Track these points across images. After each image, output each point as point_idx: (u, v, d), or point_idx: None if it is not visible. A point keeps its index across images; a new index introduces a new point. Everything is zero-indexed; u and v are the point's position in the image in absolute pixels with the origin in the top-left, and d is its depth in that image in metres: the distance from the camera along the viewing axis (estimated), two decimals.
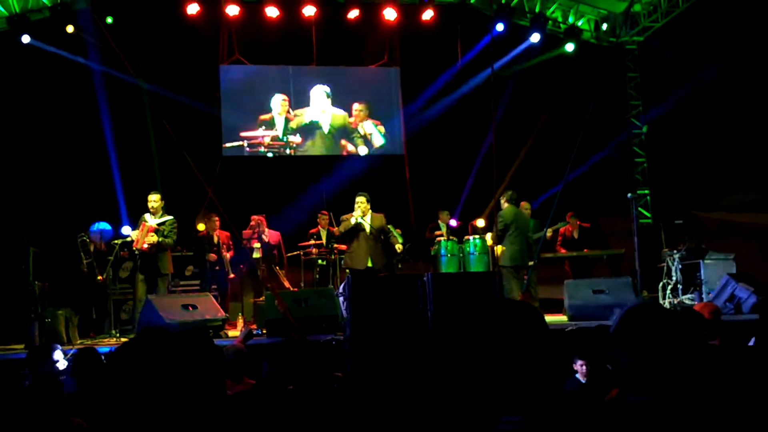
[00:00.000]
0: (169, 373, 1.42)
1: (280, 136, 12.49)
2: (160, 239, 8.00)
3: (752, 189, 13.10)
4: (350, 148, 12.80)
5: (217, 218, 10.01)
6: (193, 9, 11.45)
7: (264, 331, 7.50)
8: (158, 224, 8.08)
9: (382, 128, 12.95)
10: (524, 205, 10.16)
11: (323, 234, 10.08)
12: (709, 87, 11.98)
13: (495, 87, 11.49)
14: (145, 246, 7.91)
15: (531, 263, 9.33)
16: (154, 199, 8.19)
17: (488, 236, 9.54)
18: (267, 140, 12.41)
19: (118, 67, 10.96)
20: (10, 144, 10.84)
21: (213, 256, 9.74)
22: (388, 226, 8.95)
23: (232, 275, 9.85)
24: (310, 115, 12.66)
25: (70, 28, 10.81)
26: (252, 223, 10.09)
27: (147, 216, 8.20)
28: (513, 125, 11.83)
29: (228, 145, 12.25)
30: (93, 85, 11.09)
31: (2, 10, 10.90)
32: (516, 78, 12.38)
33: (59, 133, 11.09)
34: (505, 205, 9.14)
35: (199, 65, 11.92)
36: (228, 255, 9.87)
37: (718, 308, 7.81)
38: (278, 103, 12.51)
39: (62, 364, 4.33)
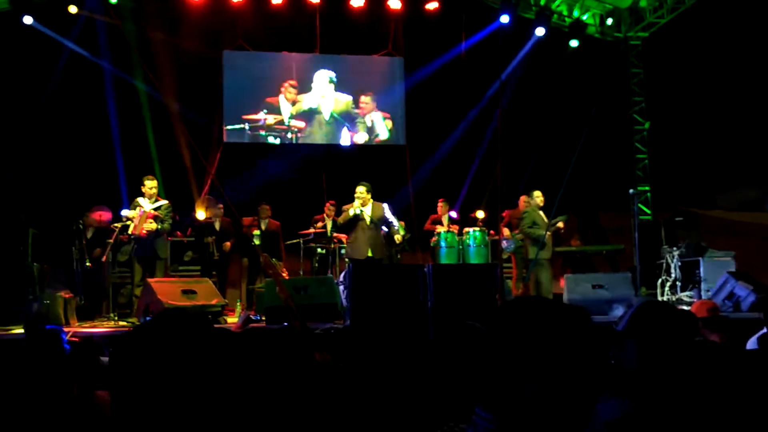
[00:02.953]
0: (186, 355, 1.41)
1: (285, 121, 12.47)
2: (159, 226, 7.97)
3: (752, 187, 13.13)
4: (349, 134, 12.76)
5: (221, 206, 10.00)
6: None
7: (263, 318, 7.50)
8: (154, 209, 8.04)
9: (389, 122, 12.92)
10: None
11: (328, 224, 10.04)
12: (710, 84, 11.97)
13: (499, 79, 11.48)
14: (144, 232, 7.88)
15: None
16: (151, 185, 8.13)
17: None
18: (270, 123, 12.39)
19: (120, 49, 10.94)
20: (11, 125, 10.78)
21: (228, 245, 9.74)
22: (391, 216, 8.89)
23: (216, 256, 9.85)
24: (310, 102, 12.64)
25: (73, 9, 10.72)
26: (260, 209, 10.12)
27: (141, 200, 8.14)
28: (515, 117, 11.81)
29: (229, 127, 12.21)
30: (94, 67, 11.05)
31: None
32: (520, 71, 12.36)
33: (60, 115, 11.02)
34: None
35: (202, 50, 11.84)
36: (228, 244, 9.83)
37: (716, 305, 7.86)
38: (288, 89, 12.50)
39: None
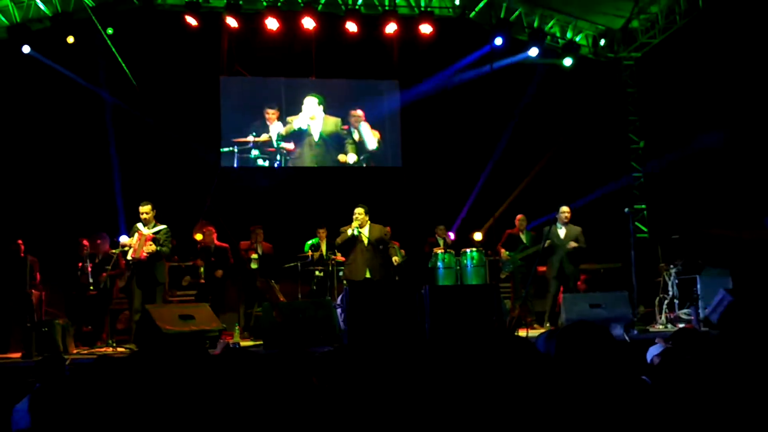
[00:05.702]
0: (175, 380, 1.43)
1: (274, 143, 12.55)
2: (158, 248, 7.97)
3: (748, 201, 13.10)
4: (340, 156, 12.83)
5: (213, 229, 10.03)
6: (192, 21, 11.47)
7: (240, 344, 7.51)
8: (153, 233, 8.05)
9: (377, 133, 13.01)
10: (519, 217, 10.20)
11: (323, 246, 10.10)
12: (705, 102, 12.02)
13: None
14: (144, 255, 7.87)
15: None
16: (145, 210, 8.11)
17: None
18: (258, 144, 12.48)
19: (119, 78, 11.07)
20: (10, 152, 10.85)
21: (219, 272, 9.76)
22: (388, 239, 8.91)
23: (201, 280, 9.91)
24: (299, 123, 12.72)
25: (70, 39, 10.82)
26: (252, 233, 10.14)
27: (140, 225, 8.15)
28: (512, 139, 11.91)
29: (223, 150, 12.31)
30: (93, 94, 11.17)
31: (3, 19, 10.93)
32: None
33: (59, 142, 11.11)
34: None
35: (199, 76, 11.95)
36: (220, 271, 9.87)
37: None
38: (270, 114, 12.62)
39: None
